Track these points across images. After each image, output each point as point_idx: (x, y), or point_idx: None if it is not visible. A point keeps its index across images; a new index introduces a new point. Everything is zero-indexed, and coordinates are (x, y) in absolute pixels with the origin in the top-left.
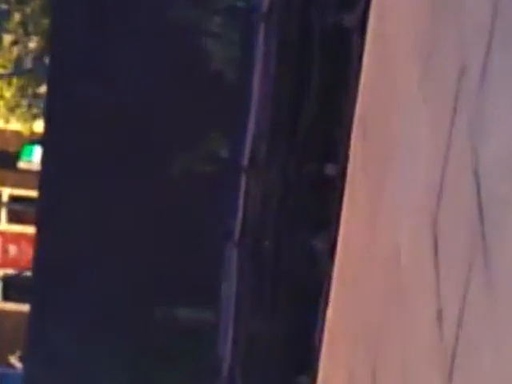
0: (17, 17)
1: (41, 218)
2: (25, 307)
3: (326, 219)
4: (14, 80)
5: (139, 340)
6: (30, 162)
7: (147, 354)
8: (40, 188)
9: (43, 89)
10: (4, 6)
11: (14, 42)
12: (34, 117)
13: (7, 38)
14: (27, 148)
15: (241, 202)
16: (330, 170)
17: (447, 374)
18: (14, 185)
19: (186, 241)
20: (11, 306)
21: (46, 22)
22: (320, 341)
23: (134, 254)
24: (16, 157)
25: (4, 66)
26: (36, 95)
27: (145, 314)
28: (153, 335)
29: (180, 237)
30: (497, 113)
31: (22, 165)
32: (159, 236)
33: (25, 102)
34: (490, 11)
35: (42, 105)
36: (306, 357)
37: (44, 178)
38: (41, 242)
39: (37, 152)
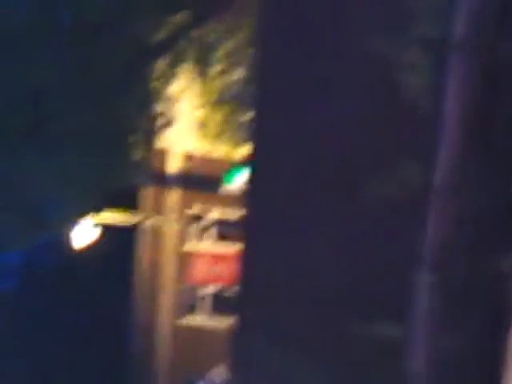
0: (225, 48)
1: (248, 237)
2: (225, 322)
3: None
4: (220, 107)
5: (339, 355)
6: (233, 185)
7: (345, 368)
8: (248, 208)
9: (246, 117)
10: (213, 37)
11: (221, 72)
12: (238, 143)
13: (214, 69)
14: (231, 173)
15: (433, 226)
16: None
17: None
18: (219, 208)
19: (378, 265)
20: (215, 322)
21: (251, 52)
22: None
23: (333, 274)
24: (220, 181)
25: (210, 95)
26: (239, 123)
27: (342, 329)
28: (351, 350)
29: (373, 261)
30: None
31: (226, 188)
32: (355, 259)
33: (230, 129)
34: None
35: (243, 132)
36: (496, 375)
37: (251, 198)
38: (247, 259)
39: (239, 177)
